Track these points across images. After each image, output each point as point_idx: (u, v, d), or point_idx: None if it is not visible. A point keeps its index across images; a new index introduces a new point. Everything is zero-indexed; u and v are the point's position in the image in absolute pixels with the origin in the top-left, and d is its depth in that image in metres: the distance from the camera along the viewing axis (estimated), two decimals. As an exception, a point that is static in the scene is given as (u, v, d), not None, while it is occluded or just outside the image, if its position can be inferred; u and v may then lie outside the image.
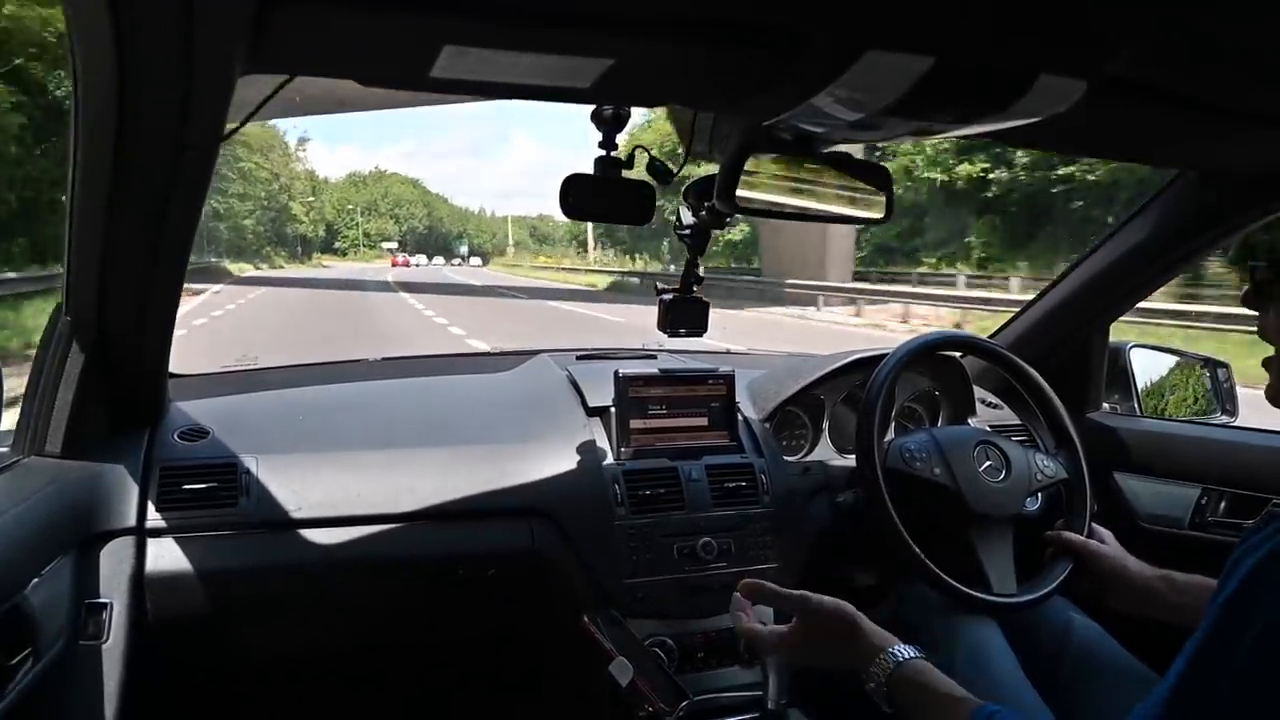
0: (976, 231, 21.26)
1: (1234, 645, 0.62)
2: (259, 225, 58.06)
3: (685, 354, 1.71)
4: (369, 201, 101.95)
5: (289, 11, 0.66)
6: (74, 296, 1.07)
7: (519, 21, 0.69)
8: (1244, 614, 0.62)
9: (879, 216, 1.07)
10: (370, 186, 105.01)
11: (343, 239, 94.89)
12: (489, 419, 1.46)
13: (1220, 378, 1.80)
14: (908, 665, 0.93)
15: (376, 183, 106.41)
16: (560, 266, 50.83)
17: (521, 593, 1.40)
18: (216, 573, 1.21)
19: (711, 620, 1.36)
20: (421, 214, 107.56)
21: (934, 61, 0.71)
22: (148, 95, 0.76)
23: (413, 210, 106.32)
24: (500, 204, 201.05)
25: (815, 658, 1.03)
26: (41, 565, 1.00)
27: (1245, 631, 0.62)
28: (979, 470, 1.31)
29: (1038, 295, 1.73)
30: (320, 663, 1.53)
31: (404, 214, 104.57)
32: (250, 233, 55.82)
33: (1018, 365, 1.45)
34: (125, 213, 0.93)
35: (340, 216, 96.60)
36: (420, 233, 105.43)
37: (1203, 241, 1.44)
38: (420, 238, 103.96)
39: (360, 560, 1.28)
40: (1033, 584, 1.27)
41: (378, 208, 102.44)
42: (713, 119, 1.04)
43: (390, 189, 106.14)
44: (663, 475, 1.39)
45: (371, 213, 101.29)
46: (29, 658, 0.95)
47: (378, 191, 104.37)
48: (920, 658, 0.94)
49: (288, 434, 1.35)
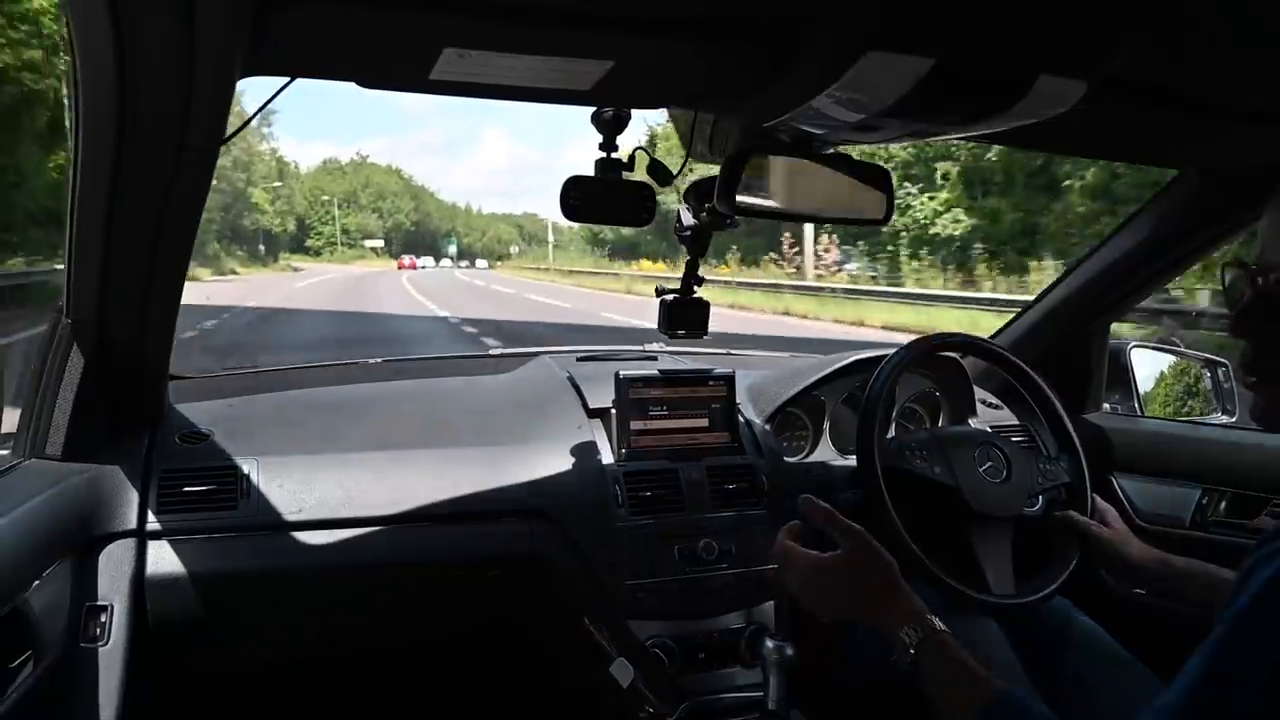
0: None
1: (1252, 660, 0.61)
2: (205, 214, 42.13)
3: (686, 355, 1.71)
4: (347, 193, 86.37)
5: (289, 14, 0.66)
6: (75, 299, 1.07)
7: (519, 24, 0.69)
8: (1263, 628, 0.61)
9: (879, 217, 1.08)
10: (349, 176, 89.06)
11: (316, 236, 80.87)
12: (489, 421, 1.46)
13: (1220, 377, 1.80)
14: (942, 634, 0.89)
15: (356, 171, 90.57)
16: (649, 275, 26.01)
17: (522, 595, 1.40)
18: (217, 575, 1.21)
19: (712, 621, 1.36)
20: (408, 208, 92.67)
21: (934, 63, 0.71)
22: (148, 98, 0.76)
23: (398, 203, 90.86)
24: (476, 201, 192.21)
25: (837, 599, 0.99)
26: (42, 568, 1.00)
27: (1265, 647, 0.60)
28: (980, 470, 1.31)
29: (1038, 295, 1.73)
30: (320, 665, 1.53)
31: (388, 207, 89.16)
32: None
33: (1018, 366, 1.45)
34: (126, 215, 0.93)
35: (313, 209, 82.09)
36: (407, 229, 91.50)
37: (1202, 241, 1.44)
38: (408, 235, 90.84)
39: (361, 562, 1.28)
40: (1032, 585, 1.27)
41: (358, 199, 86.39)
42: (713, 120, 1.04)
43: (372, 178, 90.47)
44: (663, 476, 1.39)
45: (351, 205, 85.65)
46: (29, 660, 0.95)
47: (358, 181, 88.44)
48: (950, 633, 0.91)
49: (288, 436, 1.35)
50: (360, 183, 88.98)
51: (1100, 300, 1.62)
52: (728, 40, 0.74)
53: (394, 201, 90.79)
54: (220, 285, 26.60)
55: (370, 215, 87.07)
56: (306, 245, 78.59)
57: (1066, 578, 1.27)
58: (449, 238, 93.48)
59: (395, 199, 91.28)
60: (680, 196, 1.21)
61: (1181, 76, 0.88)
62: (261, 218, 62.06)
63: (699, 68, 0.81)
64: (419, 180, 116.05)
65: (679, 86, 0.91)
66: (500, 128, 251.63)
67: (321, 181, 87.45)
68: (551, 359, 1.65)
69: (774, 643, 1.05)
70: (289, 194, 74.30)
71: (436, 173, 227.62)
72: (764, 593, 1.39)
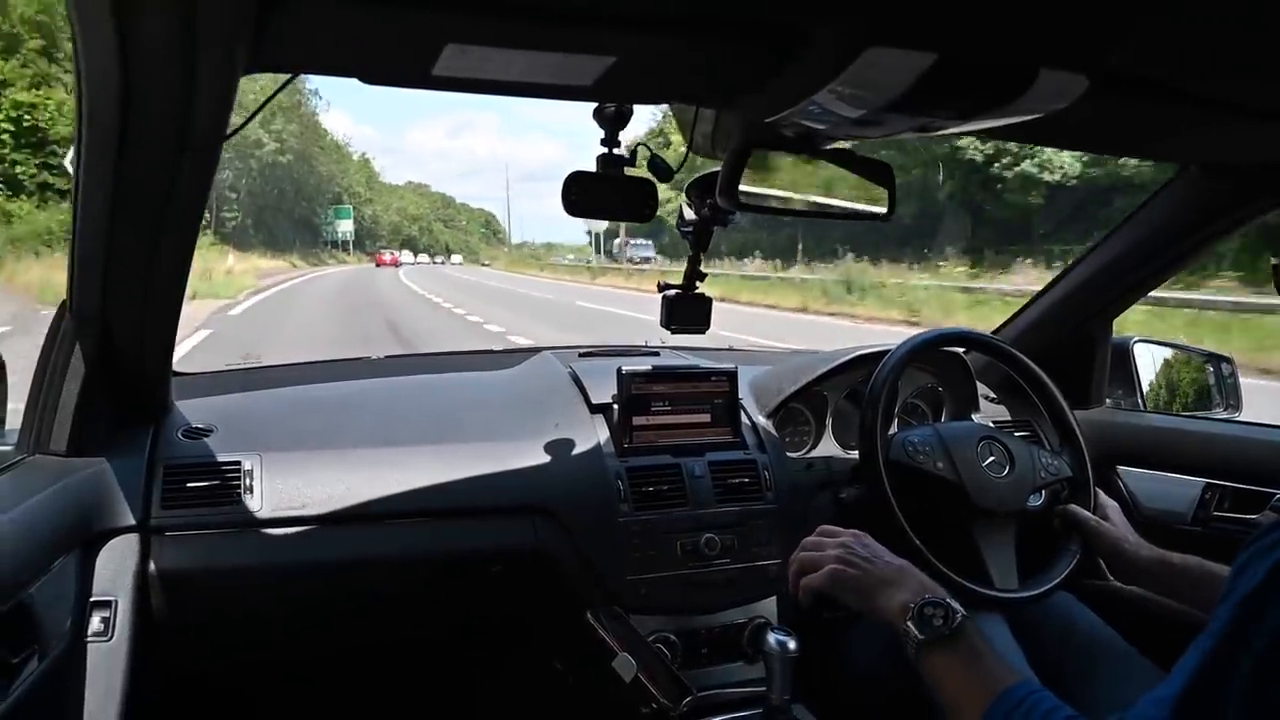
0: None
1: (1251, 649, 0.61)
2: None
3: (688, 351, 1.71)
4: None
5: (291, 11, 0.66)
6: (78, 295, 1.08)
7: (520, 19, 0.69)
8: (1258, 617, 0.61)
9: (882, 212, 1.07)
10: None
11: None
12: (492, 416, 1.46)
13: (1224, 372, 1.80)
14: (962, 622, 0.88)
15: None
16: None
17: (525, 590, 1.40)
18: (220, 570, 1.22)
19: (715, 616, 1.37)
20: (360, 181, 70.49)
21: (935, 58, 0.71)
22: (150, 95, 0.76)
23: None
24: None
25: (866, 586, 0.98)
26: (46, 563, 1.01)
27: (1260, 635, 0.60)
28: (982, 465, 1.31)
29: (1042, 290, 1.73)
30: (323, 659, 1.53)
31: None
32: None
33: (1021, 361, 1.45)
34: (128, 212, 0.93)
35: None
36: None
37: (1206, 235, 1.44)
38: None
39: (363, 558, 1.28)
40: (1035, 579, 1.27)
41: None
42: (715, 116, 1.03)
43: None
44: (666, 472, 1.39)
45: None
46: (33, 656, 0.95)
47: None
48: (960, 620, 0.89)
49: (291, 432, 1.35)
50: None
51: (1103, 295, 1.62)
52: (729, 36, 0.74)
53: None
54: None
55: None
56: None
57: (1069, 572, 1.27)
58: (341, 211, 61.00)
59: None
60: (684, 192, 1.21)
61: (1184, 71, 0.87)
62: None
63: (701, 64, 0.80)
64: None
65: (681, 82, 0.90)
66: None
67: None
68: (554, 355, 1.65)
69: (777, 637, 1.05)
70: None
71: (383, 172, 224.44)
72: (767, 587, 1.39)
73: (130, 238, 0.98)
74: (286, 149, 49.68)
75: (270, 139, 46.12)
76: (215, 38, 0.68)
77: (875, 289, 17.01)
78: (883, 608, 0.94)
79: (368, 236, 72.39)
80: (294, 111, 49.82)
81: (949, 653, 0.86)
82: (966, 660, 0.86)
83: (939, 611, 0.88)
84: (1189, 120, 1.03)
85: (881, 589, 0.95)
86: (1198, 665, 0.64)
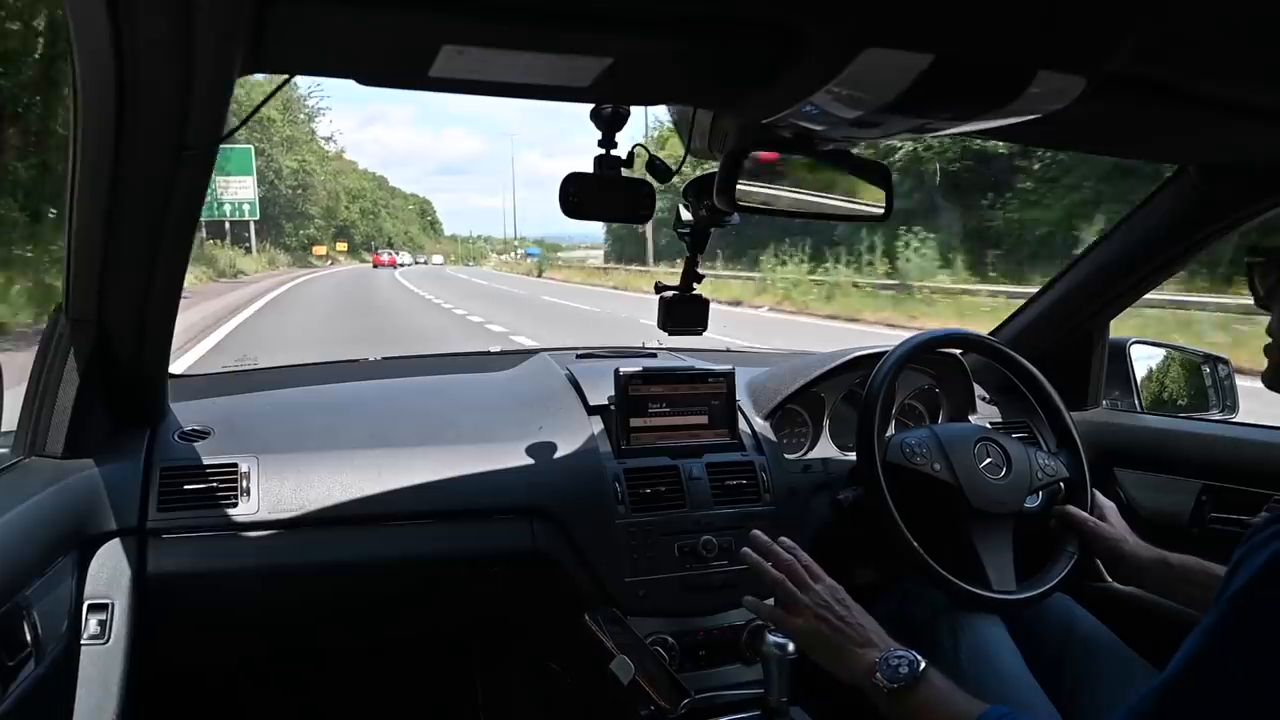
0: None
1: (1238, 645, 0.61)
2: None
3: (685, 352, 1.71)
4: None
5: (288, 12, 0.66)
6: (74, 297, 1.07)
7: (518, 21, 0.69)
8: (1250, 613, 0.62)
9: (879, 213, 1.07)
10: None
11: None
12: (489, 418, 1.46)
13: (1220, 374, 1.80)
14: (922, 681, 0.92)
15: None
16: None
17: (522, 592, 1.40)
18: (217, 573, 1.21)
19: (713, 618, 1.36)
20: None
21: (933, 58, 0.71)
22: (147, 95, 0.76)
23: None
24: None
25: (838, 647, 1.01)
26: (43, 566, 1.00)
27: (1251, 631, 0.61)
28: (979, 467, 1.31)
29: (1039, 291, 1.73)
30: (320, 662, 1.53)
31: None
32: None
33: (1019, 362, 1.45)
34: (125, 213, 0.93)
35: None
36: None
37: (1203, 236, 1.44)
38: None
39: (360, 560, 1.28)
40: (1033, 581, 1.27)
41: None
42: (712, 116, 1.03)
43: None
44: (663, 473, 1.39)
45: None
46: (30, 659, 0.95)
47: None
48: (924, 667, 0.93)
49: (288, 434, 1.35)
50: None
51: (1100, 296, 1.62)
52: (726, 37, 0.73)
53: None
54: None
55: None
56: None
57: (1067, 574, 1.27)
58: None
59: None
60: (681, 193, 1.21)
61: (1182, 72, 0.87)
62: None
63: (697, 65, 0.80)
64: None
65: (678, 83, 0.90)
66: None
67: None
68: (551, 356, 1.65)
69: (775, 639, 1.05)
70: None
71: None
72: (764, 589, 1.39)
73: (126, 239, 0.97)
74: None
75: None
76: (212, 39, 0.68)
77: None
78: (851, 667, 0.98)
79: (285, 217, 49.68)
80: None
81: (919, 696, 0.91)
82: (936, 700, 0.90)
83: (904, 660, 0.93)
84: (1186, 121, 1.03)
85: (852, 651, 0.99)
86: (1187, 658, 0.65)
